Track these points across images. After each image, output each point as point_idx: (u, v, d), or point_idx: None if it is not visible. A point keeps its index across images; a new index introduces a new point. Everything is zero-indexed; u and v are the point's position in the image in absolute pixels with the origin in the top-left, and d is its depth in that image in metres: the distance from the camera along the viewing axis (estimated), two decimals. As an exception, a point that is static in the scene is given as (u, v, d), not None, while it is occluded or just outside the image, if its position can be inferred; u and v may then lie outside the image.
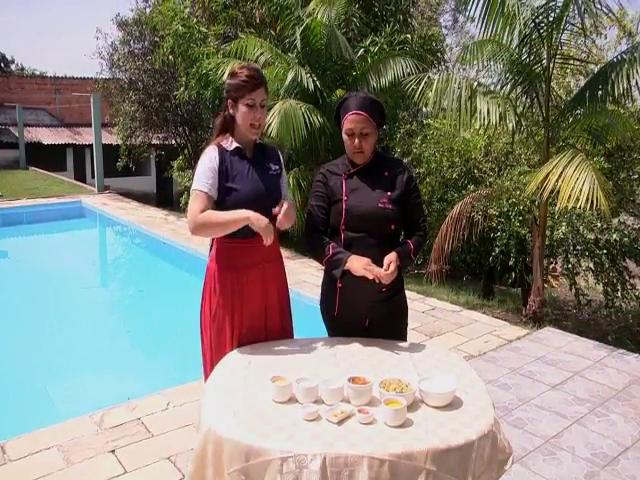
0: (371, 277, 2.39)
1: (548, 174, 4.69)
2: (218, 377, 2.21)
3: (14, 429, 3.43)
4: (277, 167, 2.57)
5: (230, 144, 2.47)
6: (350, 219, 2.50)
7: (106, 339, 5.90)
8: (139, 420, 3.51)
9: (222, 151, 2.45)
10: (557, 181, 4.57)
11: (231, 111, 2.44)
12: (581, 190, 4.35)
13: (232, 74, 2.44)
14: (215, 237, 2.49)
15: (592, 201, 4.26)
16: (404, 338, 2.68)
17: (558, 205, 4.82)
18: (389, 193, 2.51)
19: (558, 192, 4.59)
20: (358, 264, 2.42)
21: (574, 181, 4.44)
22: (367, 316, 2.58)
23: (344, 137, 2.53)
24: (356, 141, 2.48)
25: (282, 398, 1.99)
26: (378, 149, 2.66)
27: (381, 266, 2.42)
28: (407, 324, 2.75)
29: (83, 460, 3.08)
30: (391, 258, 2.42)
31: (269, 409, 1.96)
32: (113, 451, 3.17)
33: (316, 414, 1.89)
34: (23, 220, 12.12)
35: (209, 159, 2.43)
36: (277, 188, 2.54)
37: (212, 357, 2.52)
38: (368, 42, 8.37)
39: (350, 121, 2.48)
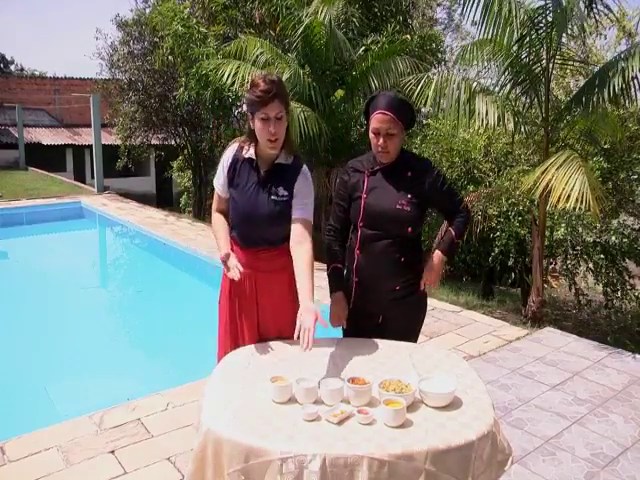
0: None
1: (542, 173, 4.70)
2: (218, 377, 2.20)
3: (14, 429, 3.43)
4: (286, 193, 2.42)
5: (247, 152, 2.47)
6: (367, 217, 2.54)
7: (106, 339, 5.90)
8: (139, 420, 3.51)
9: (237, 155, 2.49)
10: (550, 181, 4.58)
11: (251, 124, 2.41)
12: (571, 191, 4.36)
13: (250, 86, 2.36)
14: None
15: (582, 202, 4.26)
16: (415, 340, 2.69)
17: (548, 204, 4.83)
18: (409, 195, 2.50)
19: (550, 192, 4.60)
20: (334, 309, 2.62)
21: (565, 181, 4.45)
22: (380, 313, 2.63)
23: (370, 135, 2.53)
24: (381, 141, 2.47)
25: (282, 398, 1.99)
26: (405, 149, 2.66)
27: (397, 265, 2.53)
28: (421, 328, 2.76)
29: (83, 460, 3.08)
30: (426, 271, 2.63)
31: (269, 409, 1.95)
32: (113, 451, 3.17)
33: (316, 414, 1.89)
34: (23, 221, 12.11)
35: (224, 159, 2.51)
36: (277, 213, 2.42)
37: (219, 344, 2.63)
38: (369, 41, 8.37)
39: (376, 120, 2.47)
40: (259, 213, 2.42)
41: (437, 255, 2.68)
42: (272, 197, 2.43)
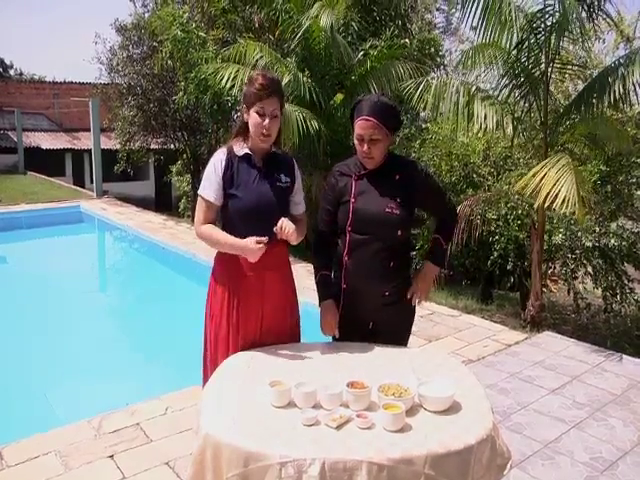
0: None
1: (534, 175, 4.72)
2: (217, 381, 2.20)
3: (13, 434, 3.42)
4: (288, 179, 2.52)
5: (241, 149, 2.48)
6: (356, 221, 2.51)
7: (104, 344, 5.88)
8: (138, 425, 3.50)
9: (231, 156, 2.47)
10: (540, 181, 4.59)
11: (245, 117, 2.45)
12: (559, 192, 4.37)
13: (249, 80, 2.44)
14: None
15: (568, 204, 4.27)
16: (405, 344, 2.69)
17: (536, 203, 4.83)
18: (398, 199, 2.48)
19: (539, 192, 4.62)
20: (325, 318, 2.58)
21: (553, 182, 4.46)
22: (371, 319, 2.60)
23: (355, 141, 2.51)
24: (365, 147, 2.46)
25: (281, 403, 1.99)
26: (391, 151, 2.64)
27: (386, 270, 2.49)
28: (411, 331, 2.75)
29: (82, 465, 3.07)
30: (418, 284, 2.64)
31: (268, 414, 1.95)
32: (112, 456, 3.16)
33: (315, 419, 1.89)
34: (22, 225, 12.09)
35: (215, 164, 2.47)
36: (284, 200, 2.51)
37: (210, 356, 2.57)
38: (368, 45, 8.39)
39: (359, 127, 2.45)
40: (268, 201, 2.43)
41: (429, 267, 2.70)
42: (278, 184, 2.49)
